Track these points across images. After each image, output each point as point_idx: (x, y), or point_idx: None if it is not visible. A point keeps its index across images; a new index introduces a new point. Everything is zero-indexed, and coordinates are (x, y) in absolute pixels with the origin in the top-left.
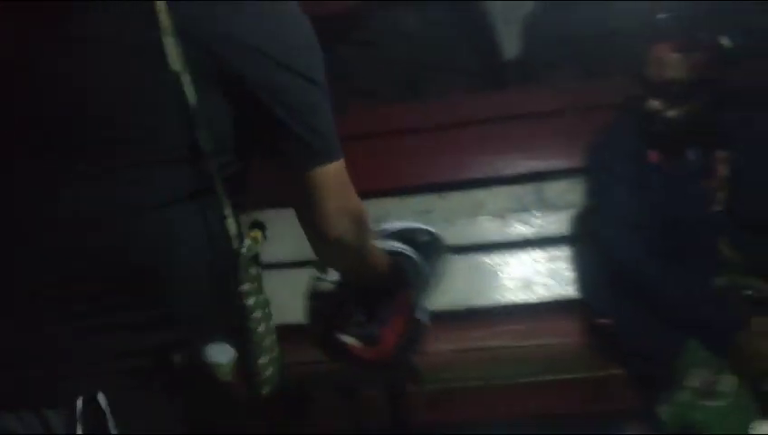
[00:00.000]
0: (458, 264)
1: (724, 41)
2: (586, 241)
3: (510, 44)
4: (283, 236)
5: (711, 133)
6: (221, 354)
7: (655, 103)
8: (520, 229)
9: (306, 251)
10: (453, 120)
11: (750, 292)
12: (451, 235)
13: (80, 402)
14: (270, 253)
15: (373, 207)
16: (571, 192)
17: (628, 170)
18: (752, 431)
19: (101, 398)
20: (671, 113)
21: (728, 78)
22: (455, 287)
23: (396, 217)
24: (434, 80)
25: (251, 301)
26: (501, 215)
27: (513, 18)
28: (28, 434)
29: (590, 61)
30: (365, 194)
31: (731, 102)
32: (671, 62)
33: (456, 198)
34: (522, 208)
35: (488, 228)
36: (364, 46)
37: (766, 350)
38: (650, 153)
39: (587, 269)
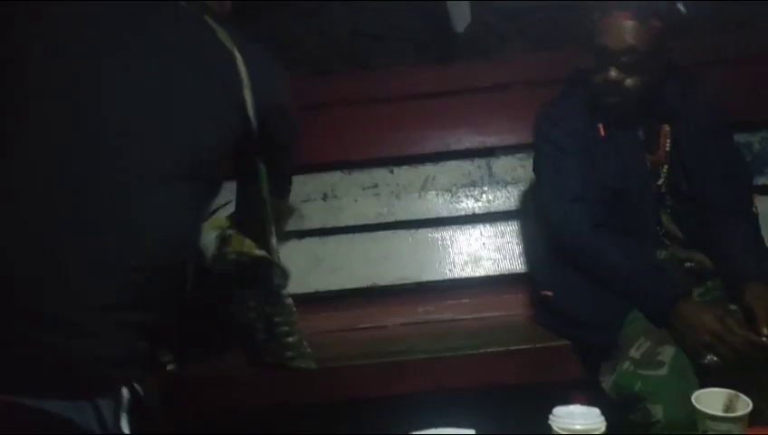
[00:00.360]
0: (407, 239)
1: (681, 7)
2: (532, 215)
3: (460, 16)
4: None
5: (658, 105)
6: None
7: (612, 73)
8: (468, 204)
9: None
10: (401, 92)
11: (690, 264)
12: (399, 210)
13: (125, 391)
14: None
15: (320, 182)
16: (519, 167)
17: (575, 144)
18: (694, 401)
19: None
20: (629, 82)
21: (676, 49)
22: (404, 262)
23: (343, 191)
24: (379, 50)
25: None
26: (449, 190)
27: None
28: (83, 421)
29: (538, 34)
30: (311, 168)
31: (674, 75)
32: (630, 30)
33: (405, 173)
34: (470, 183)
35: (437, 203)
36: (309, 15)
37: (704, 321)
38: (598, 126)
39: (532, 242)
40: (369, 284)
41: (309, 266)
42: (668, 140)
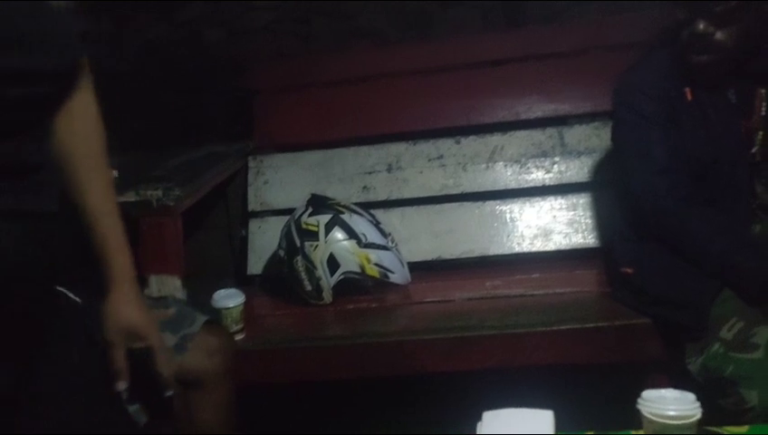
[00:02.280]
0: (474, 211)
1: None
2: (611, 186)
3: None
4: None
5: (753, 65)
6: (229, 299)
7: (701, 25)
8: (538, 175)
9: None
10: (466, 60)
11: None
12: (466, 181)
13: None
14: None
15: (384, 153)
16: (593, 136)
17: (661, 110)
18: None
19: None
20: (719, 36)
21: None
22: (470, 235)
23: (408, 162)
24: (445, 17)
25: None
26: (518, 160)
27: None
28: None
29: None
30: (375, 139)
31: None
32: None
33: (472, 144)
34: (541, 154)
35: (505, 175)
36: None
37: None
38: (685, 91)
39: (612, 216)
40: (435, 257)
41: None
42: (765, 104)
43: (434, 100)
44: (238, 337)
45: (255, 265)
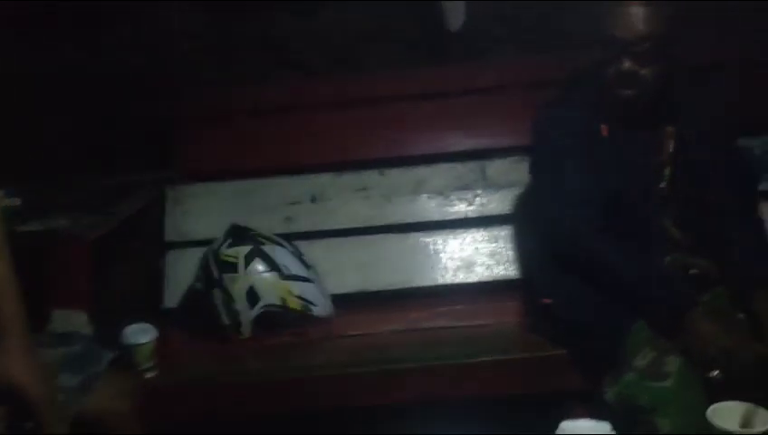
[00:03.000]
0: (398, 243)
1: None
2: (529, 219)
3: (455, 15)
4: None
5: (662, 105)
6: (140, 334)
7: (626, 63)
8: (461, 208)
9: None
10: (391, 93)
11: (695, 271)
12: (390, 213)
13: None
14: None
15: (308, 183)
16: (513, 170)
17: (577, 144)
18: (709, 415)
19: None
20: (644, 73)
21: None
22: (394, 267)
23: (333, 194)
24: (370, 51)
25: None
26: (442, 193)
27: None
28: None
29: (534, 36)
30: (299, 169)
31: (680, 73)
32: (642, 16)
33: (396, 176)
34: (463, 186)
35: (429, 207)
36: (297, 16)
37: (713, 335)
38: (601, 127)
39: (530, 248)
40: (358, 289)
41: None
42: (672, 142)
43: (359, 131)
44: (150, 375)
45: (171, 298)
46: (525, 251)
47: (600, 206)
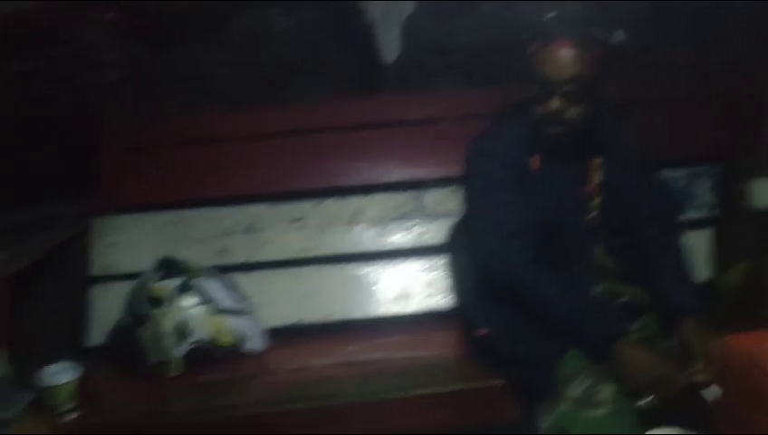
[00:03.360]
0: (334, 274)
1: (619, 36)
2: (464, 250)
3: (389, 47)
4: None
5: (589, 138)
6: (60, 374)
7: (555, 103)
8: (398, 238)
9: None
10: (326, 124)
11: (624, 299)
12: (326, 244)
13: None
14: None
15: (242, 214)
16: (449, 200)
17: (509, 175)
18: None
19: None
20: (571, 112)
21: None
22: (330, 299)
23: (267, 224)
24: (299, 82)
25: None
26: (378, 223)
27: (392, 21)
28: None
29: (468, 70)
30: (232, 200)
31: (605, 108)
32: (571, 59)
33: (332, 206)
34: (400, 217)
35: (365, 237)
36: (224, 46)
37: (645, 363)
38: (532, 159)
39: (464, 279)
40: (294, 321)
41: None
42: (599, 173)
43: (293, 162)
44: (70, 417)
45: (97, 335)
46: (461, 281)
47: (532, 237)
